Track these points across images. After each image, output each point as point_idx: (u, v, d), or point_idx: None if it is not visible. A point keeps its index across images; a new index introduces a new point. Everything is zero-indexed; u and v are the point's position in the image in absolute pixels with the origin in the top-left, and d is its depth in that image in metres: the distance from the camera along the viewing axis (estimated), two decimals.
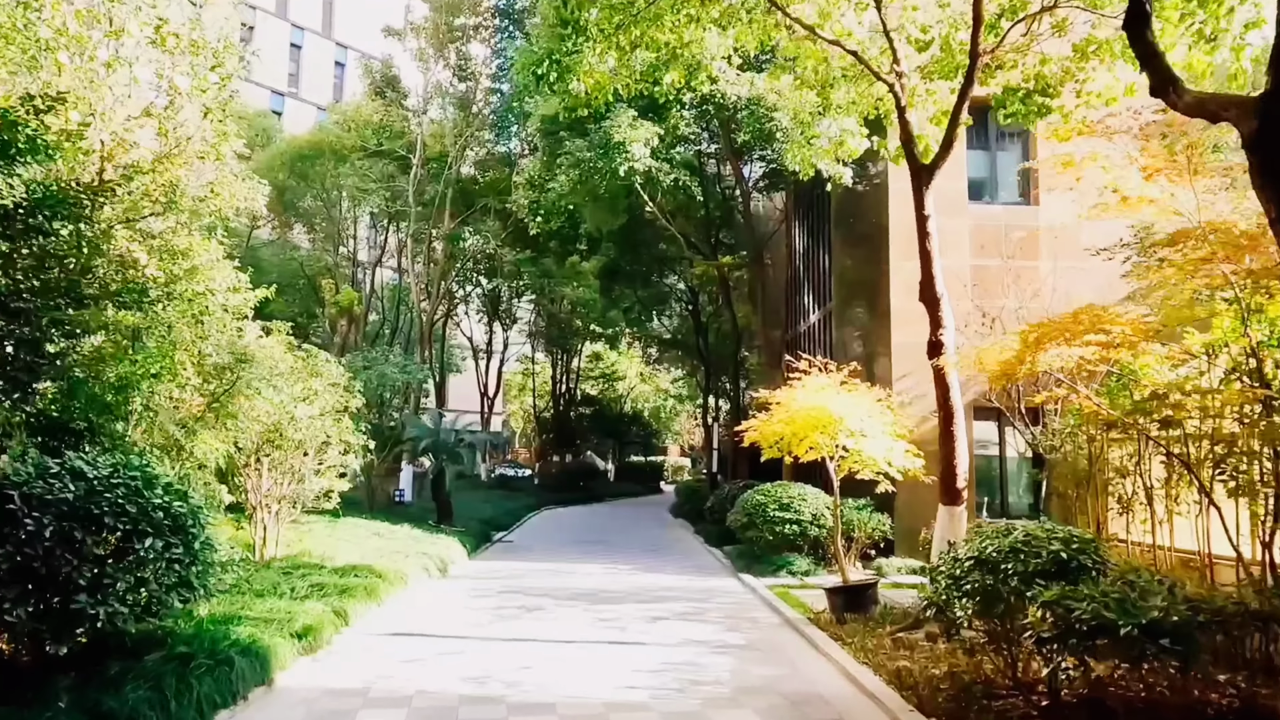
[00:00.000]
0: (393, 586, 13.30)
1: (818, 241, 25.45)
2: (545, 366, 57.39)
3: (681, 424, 71.30)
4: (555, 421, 52.16)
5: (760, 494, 17.60)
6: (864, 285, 21.26)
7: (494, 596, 14.06)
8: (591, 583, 15.83)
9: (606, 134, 17.52)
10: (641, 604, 13.44)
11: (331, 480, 17.29)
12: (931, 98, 12.57)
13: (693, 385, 58.92)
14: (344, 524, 18.95)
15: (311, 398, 14.60)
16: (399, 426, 22.63)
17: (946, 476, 10.08)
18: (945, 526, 10.05)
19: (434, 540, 18.84)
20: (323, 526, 18.06)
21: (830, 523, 17.05)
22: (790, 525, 16.88)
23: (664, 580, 16.34)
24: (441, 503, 21.18)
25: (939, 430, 10.16)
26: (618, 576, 16.85)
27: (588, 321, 46.98)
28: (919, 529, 17.23)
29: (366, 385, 21.23)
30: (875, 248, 20.65)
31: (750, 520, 17.27)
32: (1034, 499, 18.16)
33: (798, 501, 17.16)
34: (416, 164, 29.55)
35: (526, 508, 34.53)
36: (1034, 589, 6.61)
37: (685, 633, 11.19)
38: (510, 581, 15.86)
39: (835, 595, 11.49)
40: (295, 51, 62.49)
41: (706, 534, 24.18)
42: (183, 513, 7.42)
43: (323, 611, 10.57)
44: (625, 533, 26.58)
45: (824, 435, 11.90)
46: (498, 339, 49.06)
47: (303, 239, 41.04)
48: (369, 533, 18.48)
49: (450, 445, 20.81)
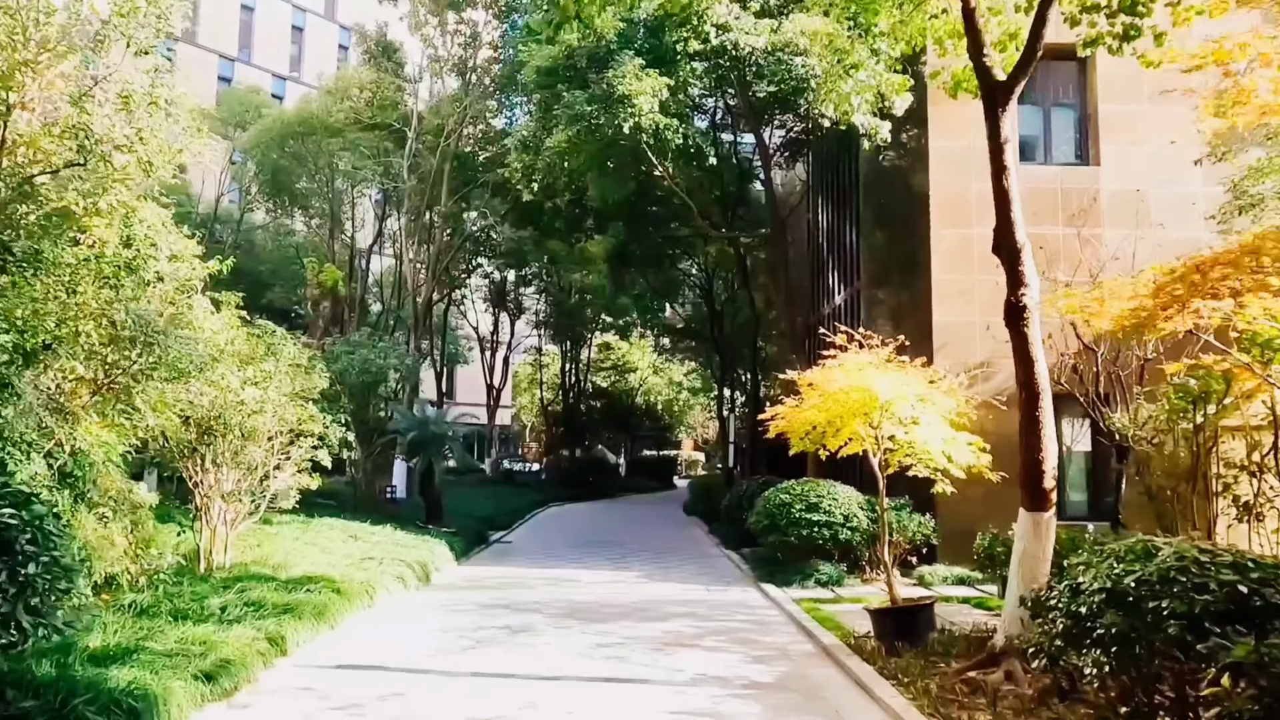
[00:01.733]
0: (353, 603, 11.29)
1: (843, 216, 23.29)
2: (555, 358, 55.40)
3: (695, 417, 69.20)
4: (564, 415, 50.14)
5: (784, 492, 15.52)
6: (897, 261, 19.11)
7: (475, 613, 12.04)
8: (592, 594, 13.80)
9: (609, 85, 15.43)
10: (648, 623, 11.40)
11: (303, 476, 15.49)
12: (995, 16, 10.41)
13: (706, 378, 56.93)
14: (319, 525, 17.01)
15: (264, 381, 12.60)
16: (388, 417, 20.66)
17: (1031, 474, 7.97)
18: (1030, 538, 7.94)
19: (419, 543, 16.86)
20: (293, 529, 16.13)
21: (864, 525, 14.99)
22: (819, 528, 14.80)
23: (675, 591, 14.29)
24: (431, 501, 19.20)
25: (1021, 415, 8.05)
26: (622, 586, 14.81)
27: (597, 309, 44.91)
28: (965, 531, 15.13)
29: (346, 371, 19.30)
30: (912, 218, 18.49)
31: (773, 522, 15.19)
32: (1094, 499, 16.03)
33: (827, 501, 15.08)
34: (412, 137, 27.50)
35: (531, 504, 32.58)
36: (1209, 640, 4.52)
37: (700, 664, 9.14)
38: (498, 593, 13.85)
39: (884, 619, 9.40)
40: (297, 34, 60.54)
41: (722, 534, 22.14)
42: (10, 525, 5.41)
43: (252, 640, 8.58)
44: (634, 533, 24.54)
45: (866, 423, 9.80)
46: (504, 329, 46.98)
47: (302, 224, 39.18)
48: (345, 535, 16.51)
49: (439, 438, 18.81)
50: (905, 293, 18.42)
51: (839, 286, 23.89)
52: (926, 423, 9.51)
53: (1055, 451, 8.09)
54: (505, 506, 28.64)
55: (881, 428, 9.73)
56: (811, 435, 10.69)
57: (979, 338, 15.71)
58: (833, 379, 9.67)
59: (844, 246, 23.24)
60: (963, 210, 16.49)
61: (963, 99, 10.85)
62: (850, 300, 22.56)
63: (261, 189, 36.32)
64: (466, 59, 27.17)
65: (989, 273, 16.69)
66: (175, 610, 9.18)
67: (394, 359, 20.65)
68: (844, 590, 13.92)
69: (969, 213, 16.49)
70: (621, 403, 55.74)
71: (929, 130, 16.69)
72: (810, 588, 14.11)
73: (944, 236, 16.50)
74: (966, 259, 16.39)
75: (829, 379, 9.72)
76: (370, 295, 40.16)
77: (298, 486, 15.15)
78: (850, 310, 22.57)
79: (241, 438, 12.06)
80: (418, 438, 18.71)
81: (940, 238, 16.51)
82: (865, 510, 15.24)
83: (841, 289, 23.59)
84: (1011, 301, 8.21)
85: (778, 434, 11.01)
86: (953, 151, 16.58)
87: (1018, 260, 8.18)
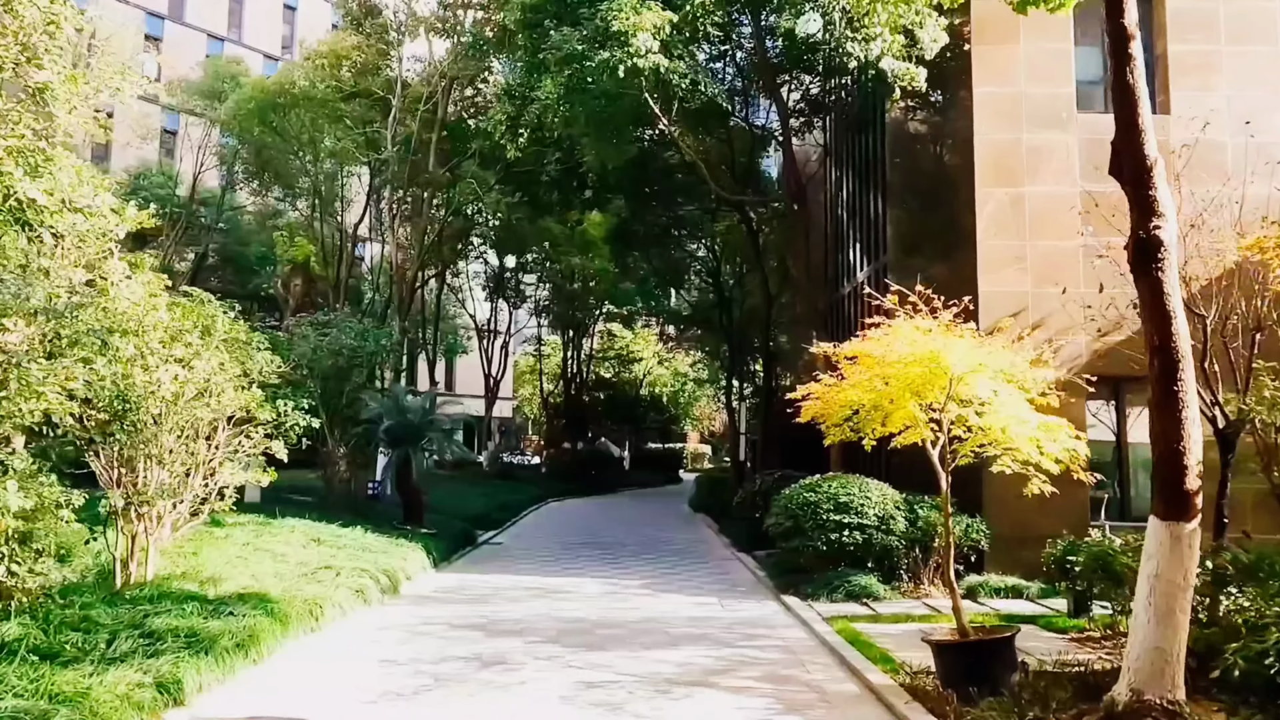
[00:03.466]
0: (291, 627, 9.27)
1: (867, 184, 21.16)
2: (556, 348, 53.35)
3: (701, 409, 67.14)
4: (566, 406, 48.07)
5: (808, 490, 13.46)
6: (931, 229, 17.00)
7: (442, 637, 10.00)
8: (586, 610, 11.75)
9: (604, 20, 13.30)
10: (651, 651, 9.36)
11: (254, 471, 13.52)
12: None
13: (713, 368, 54.86)
14: (280, 527, 14.98)
15: (192, 359, 10.57)
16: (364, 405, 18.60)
17: (1169, 470, 5.89)
18: (1166, 557, 5.85)
19: (391, 547, 14.84)
20: (246, 531, 14.13)
21: (901, 528, 12.94)
22: (850, 532, 12.74)
23: (683, 605, 12.24)
24: (409, 498, 17.15)
25: (1154, 391, 5.96)
26: (621, 599, 12.76)
27: (599, 296, 42.82)
28: (1017, 536, 13.12)
29: (314, 353, 17.28)
30: (949, 178, 16.40)
31: (796, 525, 13.13)
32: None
33: (859, 500, 13.02)
34: (396, 104, 25.45)
35: (529, 500, 30.57)
36: None
37: (716, 712, 7.10)
38: (475, 609, 11.81)
39: (952, 656, 7.34)
40: (289, 13, 58.43)
41: (734, 534, 20.10)
42: None
43: (134, 687, 6.56)
44: (637, 532, 22.51)
45: (928, 404, 7.74)
46: (503, 317, 44.87)
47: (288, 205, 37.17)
48: (307, 538, 14.47)
49: (419, 429, 16.76)
50: (941, 264, 16.27)
51: (862, 262, 21.77)
52: (1006, 403, 7.43)
53: (1200, 440, 6.00)
54: (499, 503, 26.62)
55: (947, 410, 7.64)
56: (853, 421, 8.62)
57: (1035, 310, 13.63)
58: (890, 347, 7.58)
59: (867, 218, 21.11)
60: (1013, 166, 14.39)
61: (1014, 31, 8.79)
62: (875, 276, 20.43)
63: (244, 168, 34.36)
64: (448, 19, 25.04)
65: (1045, 235, 14.73)
66: (44, 645, 7.16)
67: (372, 341, 18.59)
68: (882, 606, 11.86)
69: (1020, 169, 14.41)
70: (625, 394, 53.70)
71: (973, 74, 14.55)
72: (841, 602, 12.05)
73: (991, 196, 14.38)
74: (1018, 221, 14.30)
75: (887, 346, 7.64)
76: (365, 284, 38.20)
77: (252, 481, 13.27)
78: (875, 287, 20.44)
79: (155, 424, 10.00)
80: (395, 428, 16.68)
81: (987, 198, 14.39)
82: (903, 511, 13.18)
83: (865, 264, 21.47)
84: (1140, 237, 6.15)
85: (808, 420, 8.95)
86: (1001, 99, 14.46)
87: (1147, 181, 6.11)
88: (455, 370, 59.90)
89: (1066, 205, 14.34)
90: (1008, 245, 14.29)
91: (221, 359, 11.89)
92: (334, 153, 28.58)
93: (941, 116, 16.85)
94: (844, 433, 8.77)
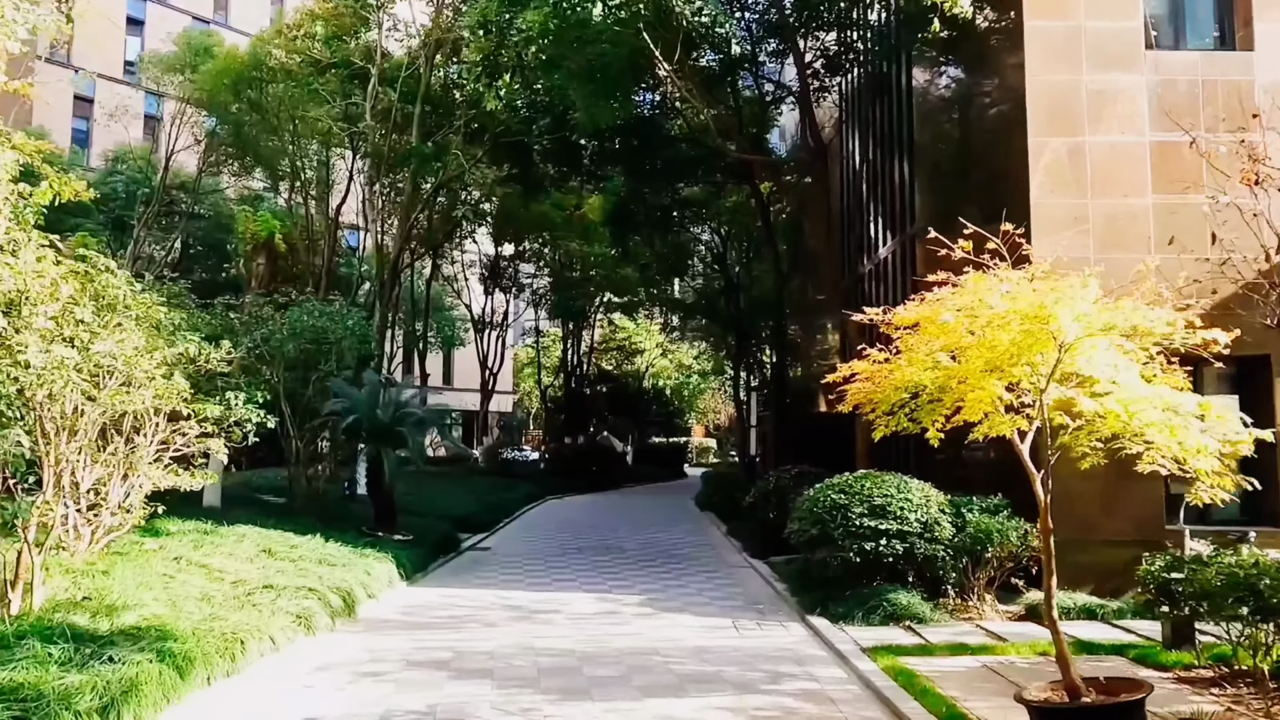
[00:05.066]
0: (191, 675, 7.31)
1: (890, 149, 19.16)
2: (556, 340, 51.43)
3: (706, 402, 65.21)
4: (566, 400, 46.11)
5: (836, 490, 11.47)
6: (969, 192, 14.97)
7: (393, 680, 8.05)
8: (573, 637, 9.80)
9: None
10: (650, 698, 7.41)
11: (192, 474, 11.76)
12: None
13: (719, 359, 52.92)
14: (229, 535, 13.03)
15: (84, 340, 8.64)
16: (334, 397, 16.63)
17: None
18: None
19: (355, 558, 12.89)
20: (185, 542, 12.22)
21: (948, 535, 10.97)
22: (889, 540, 10.77)
23: (691, 629, 10.28)
24: (381, 501, 15.19)
25: None
26: (617, 622, 10.81)
27: (599, 284, 40.84)
28: (1077, 540, 11.12)
29: (274, 338, 15.34)
30: (990, 133, 14.40)
31: (823, 531, 11.15)
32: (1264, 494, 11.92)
33: (898, 502, 11.03)
34: (375, 74, 23.44)
35: (525, 498, 28.64)
36: None
37: None
38: (442, 637, 9.86)
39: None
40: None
41: (745, 537, 18.16)
42: None
43: None
44: (639, 534, 20.56)
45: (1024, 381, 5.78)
46: (501, 307, 42.88)
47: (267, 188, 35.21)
48: (257, 549, 12.52)
49: (391, 422, 14.78)
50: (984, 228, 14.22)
51: (885, 236, 19.78)
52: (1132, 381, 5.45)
53: None
54: (492, 501, 24.71)
55: (1043, 388, 5.67)
56: (910, 408, 6.65)
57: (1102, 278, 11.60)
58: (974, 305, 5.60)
59: (890, 186, 19.11)
60: (1072, 112, 12.37)
61: None
62: (901, 251, 18.45)
63: (223, 148, 32.38)
64: None
65: (1110, 193, 12.67)
66: None
67: (341, 324, 16.62)
68: (930, 631, 9.89)
69: (1079, 115, 12.39)
70: (628, 387, 51.74)
71: (1022, 6, 12.51)
72: (879, 625, 10.10)
73: (1046, 147, 12.35)
74: (1078, 176, 12.28)
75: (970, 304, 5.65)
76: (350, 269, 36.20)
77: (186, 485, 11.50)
78: (900, 263, 18.47)
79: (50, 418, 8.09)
80: (363, 422, 14.72)
81: (1041, 149, 12.36)
82: (949, 515, 11.20)
83: (889, 238, 19.47)
84: None
85: (850, 409, 6.99)
86: (1057, 35, 12.44)
87: None
88: (453, 363, 57.99)
89: (1134, 158, 12.37)
90: (1067, 205, 12.27)
91: (136, 342, 10.02)
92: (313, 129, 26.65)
93: (979, 60, 14.83)
94: (896, 423, 6.80)
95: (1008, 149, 13.21)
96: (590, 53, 13.84)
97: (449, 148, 22.16)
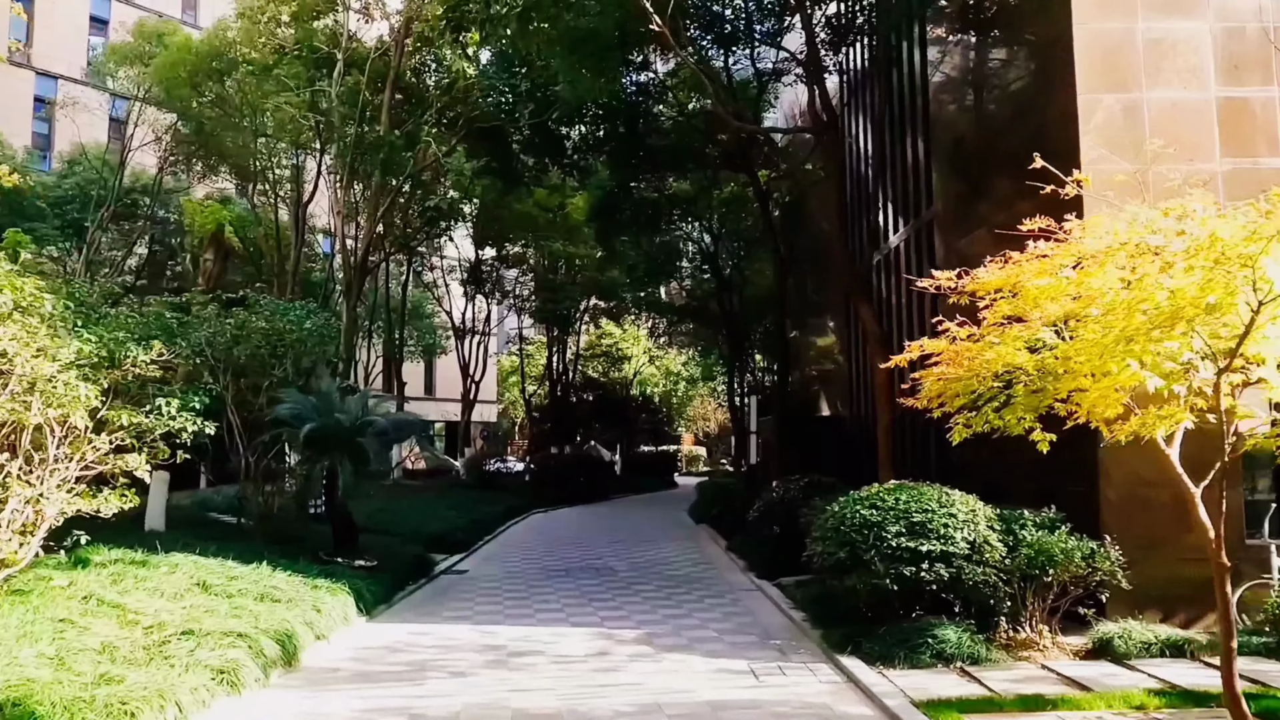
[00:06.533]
0: None
1: (903, 124, 17.55)
2: (540, 347, 49.68)
3: (695, 409, 63.55)
4: (552, 408, 44.29)
5: (866, 504, 9.78)
6: (999, 164, 13.34)
7: None
8: (555, 691, 8.06)
9: None
10: None
11: (106, 496, 10.09)
12: None
13: (708, 365, 51.27)
14: (158, 566, 11.21)
15: None
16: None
17: None
18: None
19: (306, 590, 11.10)
20: (100, 577, 10.42)
21: (999, 556, 9.31)
22: (932, 564, 9.09)
23: (700, 677, 8.55)
24: (338, 522, 13.38)
25: None
26: (610, 667, 9.08)
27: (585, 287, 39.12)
28: (1142, 554, 9.51)
29: (216, 340, 13.58)
30: (1027, 97, 12.78)
31: (853, 554, 9.45)
32: None
33: (940, 518, 9.36)
34: (341, 58, 21.69)
35: (509, 512, 26.77)
36: None
37: None
38: (395, 694, 8.10)
39: None
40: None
41: (749, 554, 16.46)
42: None
43: None
44: (631, 551, 18.82)
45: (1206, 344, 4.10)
46: (482, 314, 41.07)
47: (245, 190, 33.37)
48: (190, 582, 10.73)
49: (348, 433, 12.97)
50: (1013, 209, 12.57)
51: (897, 222, 18.15)
52: None
53: None
54: (473, 517, 22.89)
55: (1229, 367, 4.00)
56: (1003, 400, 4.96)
57: None
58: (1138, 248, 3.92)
59: (904, 166, 17.48)
60: (1127, 64, 10.80)
61: None
62: (917, 238, 16.82)
63: (182, 145, 30.56)
64: None
65: (1172, 158, 11.06)
66: None
67: (296, 324, 14.85)
68: (989, 674, 8.20)
69: (1135, 68, 10.82)
70: (615, 395, 49.98)
71: None
72: (928, 667, 8.42)
73: (1098, 106, 10.75)
74: (1134, 138, 10.63)
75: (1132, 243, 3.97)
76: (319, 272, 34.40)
77: (91, 510, 9.78)
78: (917, 251, 16.83)
79: None
80: (317, 433, 12.93)
81: (1092, 107, 10.76)
82: (998, 532, 9.54)
83: (901, 224, 17.84)
84: None
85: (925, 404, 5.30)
86: None
87: None
88: (435, 373, 56.10)
89: (1199, 117, 10.77)
90: (1124, 170, 10.64)
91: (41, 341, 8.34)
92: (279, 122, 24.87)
93: (1010, 12, 13.22)
94: (981, 422, 5.11)
95: (1048, 111, 11.62)
96: (572, 19, 12.16)
97: (420, 136, 20.41)
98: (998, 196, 13.13)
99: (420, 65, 22.06)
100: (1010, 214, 12.30)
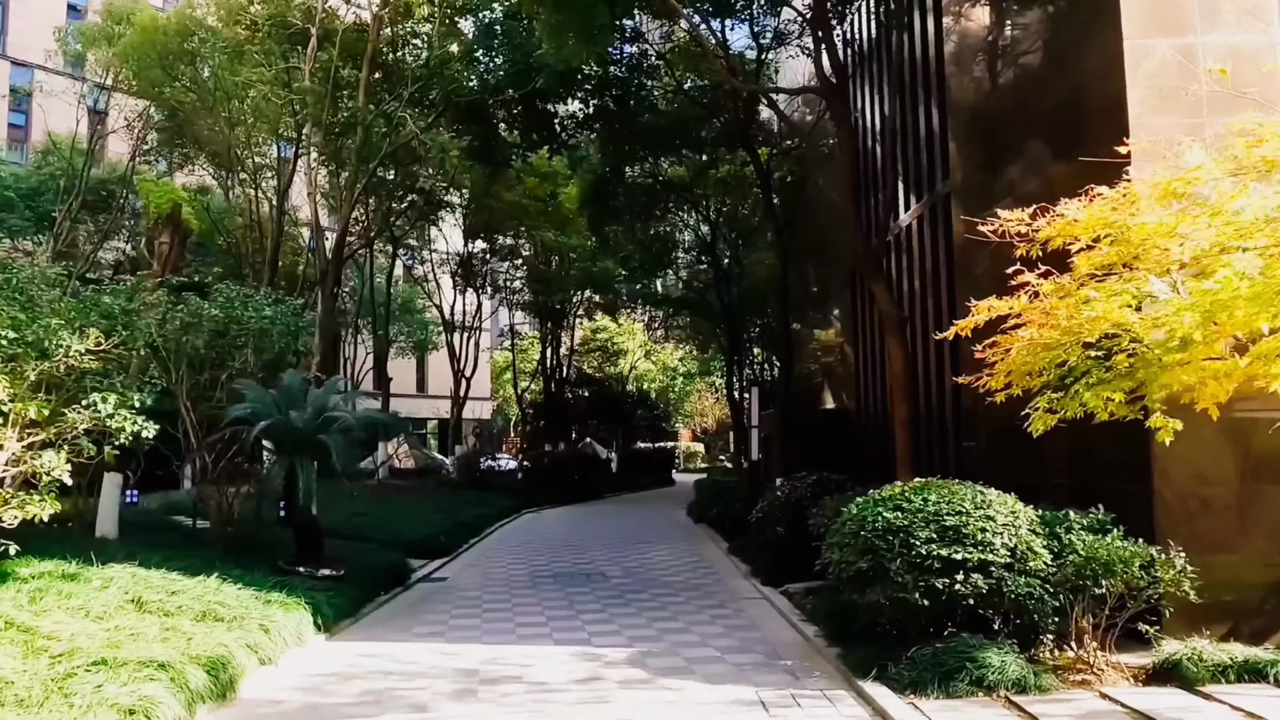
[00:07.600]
0: None
1: (914, 94, 16.31)
2: (534, 342, 48.41)
3: (693, 404, 62.37)
4: (546, 405, 43.01)
5: (889, 505, 8.52)
6: (1027, 127, 12.08)
7: None
8: None
9: None
10: None
11: None
12: None
13: (705, 361, 50.06)
14: (91, 578, 9.92)
15: None
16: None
17: None
18: None
19: (258, 606, 9.84)
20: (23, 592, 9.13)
21: (1043, 564, 8.07)
22: (968, 575, 7.85)
23: (702, 712, 7.31)
24: (301, 528, 12.11)
25: None
26: (597, 696, 7.84)
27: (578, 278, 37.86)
28: (1200, 559, 8.25)
29: (165, 329, 12.31)
30: (1062, 47, 11.50)
31: (877, 564, 8.19)
32: None
33: (976, 522, 8.10)
34: (315, 31, 20.40)
35: (499, 513, 25.52)
36: None
37: None
38: None
39: None
40: None
41: (752, 558, 15.27)
42: None
43: None
44: (626, 554, 17.59)
45: None
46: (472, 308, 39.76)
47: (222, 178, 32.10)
48: (125, 597, 9.47)
49: (308, 431, 11.70)
50: (1045, 174, 11.32)
51: (908, 199, 16.89)
52: None
53: None
54: (460, 519, 21.62)
55: None
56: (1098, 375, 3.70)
57: None
58: None
59: (916, 138, 16.23)
60: (1180, 5, 9.55)
61: None
62: (928, 217, 15.58)
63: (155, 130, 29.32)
64: None
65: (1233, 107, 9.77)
66: None
67: (260, 315, 13.59)
68: (1040, 705, 6.96)
69: (1189, 9, 9.58)
70: (611, 390, 48.74)
71: None
72: (965, 695, 7.18)
73: (1150, 52, 9.50)
74: (1189, 88, 9.42)
75: None
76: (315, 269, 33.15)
77: None
78: (931, 229, 15.59)
79: None
80: (275, 430, 11.68)
81: (1141, 54, 9.50)
82: (1041, 537, 8.29)
83: (912, 202, 16.59)
84: None
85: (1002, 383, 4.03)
86: None
87: None
88: (427, 369, 54.88)
89: (1263, 62, 9.52)
90: (1176, 125, 9.36)
91: None
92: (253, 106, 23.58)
93: None
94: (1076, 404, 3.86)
95: (1088, 62, 10.38)
96: None
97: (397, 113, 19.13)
98: (1028, 161, 11.88)
99: (399, 37, 20.77)
100: (1042, 180, 11.15)
